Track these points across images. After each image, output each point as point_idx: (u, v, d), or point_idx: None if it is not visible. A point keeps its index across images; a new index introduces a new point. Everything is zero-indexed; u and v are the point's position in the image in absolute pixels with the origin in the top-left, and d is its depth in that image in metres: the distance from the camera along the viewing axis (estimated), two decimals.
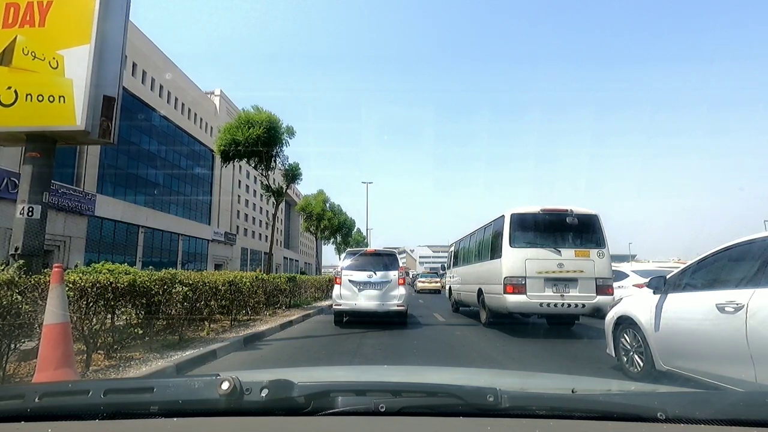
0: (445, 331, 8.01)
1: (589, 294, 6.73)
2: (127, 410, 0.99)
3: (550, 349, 6.02)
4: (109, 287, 3.86)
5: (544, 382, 1.74)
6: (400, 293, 8.15)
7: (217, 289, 6.24)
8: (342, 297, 8.16)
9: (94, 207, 26.92)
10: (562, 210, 7.06)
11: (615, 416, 0.95)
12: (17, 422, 0.94)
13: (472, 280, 9.31)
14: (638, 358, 3.87)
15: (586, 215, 7.09)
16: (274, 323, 7.45)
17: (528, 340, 6.75)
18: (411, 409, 0.99)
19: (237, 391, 0.94)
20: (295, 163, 11.61)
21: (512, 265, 6.86)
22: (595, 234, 7.05)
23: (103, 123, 4.51)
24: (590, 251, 6.89)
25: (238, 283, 7.03)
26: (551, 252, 6.85)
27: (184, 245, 36.92)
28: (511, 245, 6.97)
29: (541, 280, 6.76)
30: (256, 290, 7.98)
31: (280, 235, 70.36)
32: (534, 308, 6.75)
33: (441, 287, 26.54)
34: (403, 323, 8.38)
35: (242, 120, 9.95)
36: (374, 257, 8.59)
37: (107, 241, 29.27)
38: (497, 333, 7.39)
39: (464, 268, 10.53)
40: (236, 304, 7.16)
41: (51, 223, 24.06)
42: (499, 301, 7.14)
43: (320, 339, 6.65)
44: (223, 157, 10.44)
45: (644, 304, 3.79)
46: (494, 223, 7.98)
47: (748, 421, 0.91)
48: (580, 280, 6.77)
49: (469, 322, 9.31)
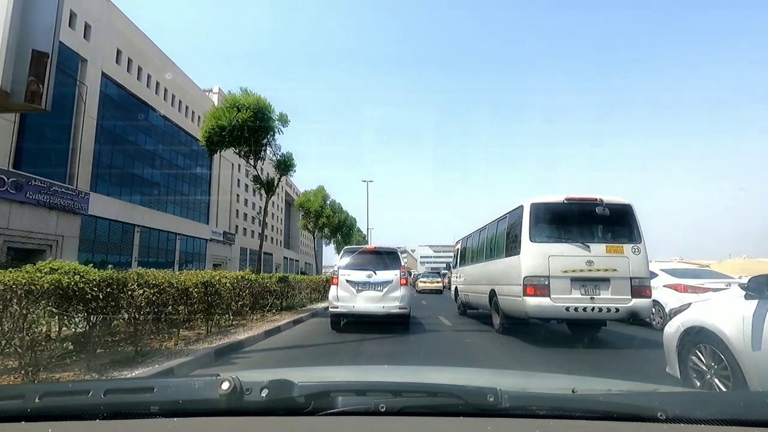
0: (454, 338, 7.07)
1: (624, 296, 5.76)
2: (128, 410, 0.99)
3: (584, 362, 5.07)
4: (19, 290, 2.94)
5: (545, 382, 1.73)
6: (402, 294, 7.25)
7: (188, 292, 5.31)
8: (339, 299, 7.27)
9: (88, 205, 26.17)
10: (591, 199, 6.09)
11: (615, 416, 0.94)
12: (17, 422, 0.94)
13: (483, 280, 8.36)
14: (721, 383, 2.91)
15: (618, 205, 6.12)
16: (259, 330, 6.51)
17: (552, 351, 5.79)
18: (411, 409, 0.99)
19: (237, 391, 0.94)
20: (288, 153, 10.58)
21: (533, 262, 5.90)
22: (629, 227, 6.07)
23: (32, 84, 3.60)
24: (624, 246, 5.92)
25: (215, 285, 6.07)
26: (579, 247, 5.88)
27: (182, 245, 36.17)
28: (531, 240, 6.00)
29: (567, 280, 5.79)
30: (239, 292, 7.06)
31: (280, 235, 69.60)
32: (559, 313, 5.79)
33: (443, 287, 26.12)
34: (406, 328, 7.47)
35: (228, 103, 8.99)
36: (374, 255, 7.71)
37: (102, 241, 28.53)
38: (515, 341, 6.44)
39: (473, 267, 9.57)
40: (215, 309, 6.22)
41: (42, 222, 23.37)
42: (516, 305, 6.18)
43: (309, 349, 5.71)
44: (208, 146, 9.50)
45: (732, 313, 2.83)
46: (510, 215, 7.01)
47: (748, 421, 0.91)
48: (613, 281, 5.80)
49: (479, 327, 8.35)
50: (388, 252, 7.78)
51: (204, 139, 9.39)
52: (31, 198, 22.37)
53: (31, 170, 22.29)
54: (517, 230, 6.38)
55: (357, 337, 6.73)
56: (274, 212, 65.12)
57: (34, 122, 22.97)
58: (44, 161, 24.04)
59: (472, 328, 8.20)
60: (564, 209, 6.14)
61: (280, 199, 68.36)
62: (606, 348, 6.09)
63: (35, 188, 22.67)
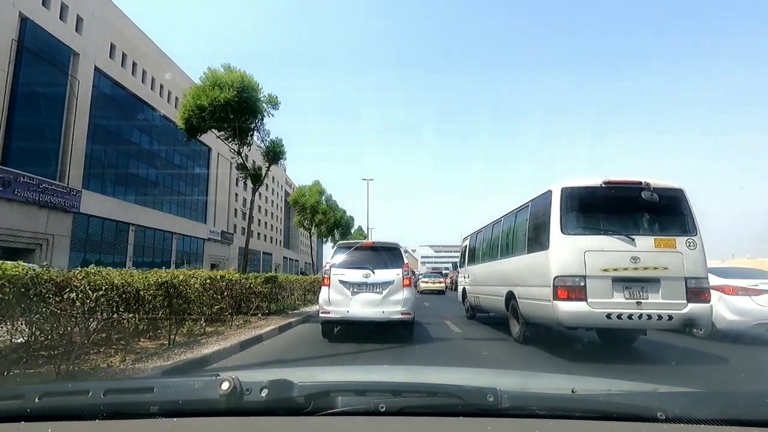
0: (466, 349, 6.01)
1: (678, 300, 4.69)
2: (127, 410, 0.98)
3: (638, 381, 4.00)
4: None
5: (544, 382, 1.74)
6: (405, 297, 6.19)
7: (138, 295, 4.26)
8: (331, 302, 6.21)
9: (80, 203, 25.39)
10: (634, 182, 5.01)
11: (615, 416, 0.94)
12: (17, 422, 0.93)
13: (498, 280, 7.29)
14: None
15: (668, 189, 5.04)
16: (235, 340, 5.46)
17: (592, 368, 4.71)
18: (411, 409, 0.99)
19: (237, 391, 0.94)
20: (277, 139, 9.44)
21: (565, 259, 4.83)
22: (682, 215, 5.00)
23: None
24: (676, 240, 4.85)
25: (179, 286, 4.98)
26: (621, 241, 4.81)
27: (179, 244, 35.30)
28: (563, 231, 4.93)
29: (608, 280, 4.72)
30: (214, 294, 6.01)
31: (280, 234, 68.68)
32: (598, 321, 4.72)
33: (445, 288, 25.57)
34: (409, 335, 6.42)
35: (209, 81, 7.93)
36: (372, 252, 6.65)
37: (95, 240, 27.69)
38: (540, 353, 5.38)
39: (485, 266, 8.50)
40: (182, 315, 5.17)
41: (32, 220, 22.52)
42: (543, 310, 5.12)
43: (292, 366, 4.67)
44: (187, 130, 8.44)
45: None
46: (533, 203, 5.94)
47: (748, 421, 0.90)
48: (664, 281, 4.72)
49: (494, 334, 7.29)
50: (388, 248, 6.72)
51: (182, 122, 8.33)
52: (19, 195, 21.54)
53: (20, 167, 21.48)
54: (543, 220, 5.31)
55: (352, 348, 5.74)
56: (273, 211, 64.29)
57: (23, 117, 22.13)
58: (34, 158, 23.20)
59: (485, 336, 7.13)
60: (602, 195, 5.06)
61: (279, 199, 67.42)
62: (651, 363, 5.04)
63: (24, 185, 21.85)
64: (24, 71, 21.95)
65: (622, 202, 5.06)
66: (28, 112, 22.79)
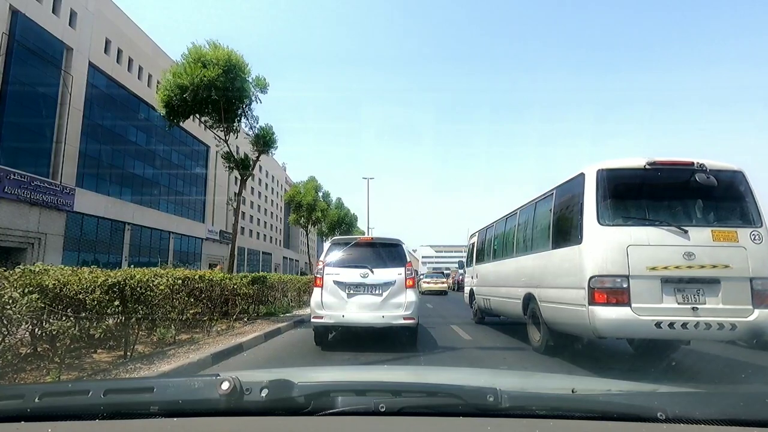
0: (480, 360, 5.16)
1: (742, 306, 3.84)
2: (127, 410, 0.98)
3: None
4: None
5: (545, 382, 1.73)
6: (408, 300, 5.39)
7: (78, 300, 3.43)
8: (324, 306, 5.42)
9: (73, 202, 24.68)
10: (686, 163, 4.16)
11: (615, 416, 0.94)
12: (17, 422, 0.93)
13: (513, 280, 6.46)
14: None
15: (727, 172, 4.19)
16: (209, 350, 4.63)
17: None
18: (411, 409, 0.99)
19: (237, 391, 0.93)
20: (267, 126, 8.60)
21: (603, 255, 3.99)
22: (744, 203, 4.15)
23: None
24: (738, 232, 4.00)
25: (136, 288, 4.08)
26: (672, 233, 3.97)
27: (176, 244, 34.62)
28: (600, 222, 4.09)
29: (657, 281, 3.88)
30: (187, 297, 5.19)
31: (280, 234, 67.94)
32: (645, 330, 3.87)
33: (447, 288, 25.28)
34: (413, 342, 5.62)
35: (192, 57, 7.09)
36: (371, 249, 5.86)
37: (89, 239, 26.98)
38: (566, 366, 4.54)
39: (497, 265, 7.65)
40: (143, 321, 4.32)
41: (23, 218, 21.82)
42: (574, 317, 4.27)
43: None
44: (168, 114, 7.62)
45: None
46: (560, 190, 5.08)
47: (748, 421, 0.90)
48: (725, 282, 3.88)
49: (509, 342, 6.45)
50: (389, 244, 5.91)
51: (161, 103, 7.51)
52: (9, 193, 20.88)
53: (11, 164, 20.83)
54: (574, 210, 4.46)
55: (347, 358, 5.01)
56: (273, 211, 63.62)
57: (14, 113, 21.48)
58: (25, 155, 22.56)
59: (500, 345, 6.29)
60: (646, 178, 4.21)
61: (279, 198, 66.75)
62: (698, 378, 4.19)
63: (14, 183, 21.18)
64: (15, 66, 21.30)
65: (670, 187, 4.22)
66: (20, 108, 22.15)
